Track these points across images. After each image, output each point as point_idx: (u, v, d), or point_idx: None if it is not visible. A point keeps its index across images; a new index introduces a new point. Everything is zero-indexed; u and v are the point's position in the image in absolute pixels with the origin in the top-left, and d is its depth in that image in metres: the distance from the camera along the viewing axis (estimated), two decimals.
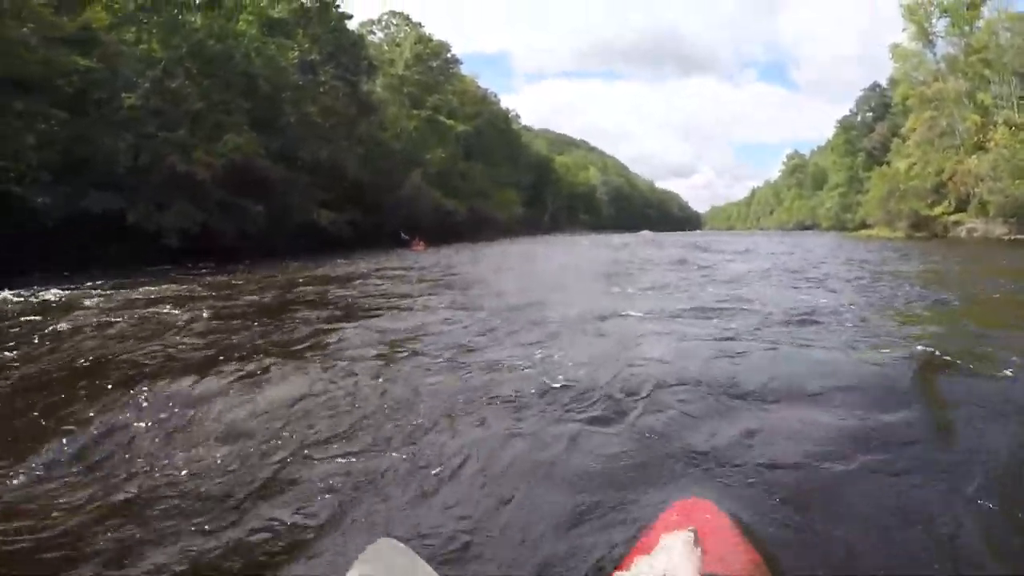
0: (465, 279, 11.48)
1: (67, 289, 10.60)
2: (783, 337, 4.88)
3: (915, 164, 40.23)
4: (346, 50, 32.95)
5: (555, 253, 22.46)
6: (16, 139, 14.72)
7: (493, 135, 63.35)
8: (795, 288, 8.86)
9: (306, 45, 29.04)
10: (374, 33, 44.81)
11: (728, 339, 4.84)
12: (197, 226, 19.49)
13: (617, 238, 44.74)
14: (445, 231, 39.74)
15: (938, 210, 36.57)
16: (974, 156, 33.90)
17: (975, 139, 35.26)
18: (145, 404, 3.62)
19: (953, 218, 35.39)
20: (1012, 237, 27.85)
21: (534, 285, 10.35)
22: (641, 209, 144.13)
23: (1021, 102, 32.96)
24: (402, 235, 29.46)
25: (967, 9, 37.49)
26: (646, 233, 61.56)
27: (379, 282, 10.93)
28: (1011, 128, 31.09)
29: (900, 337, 4.90)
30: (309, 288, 10.12)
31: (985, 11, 37.15)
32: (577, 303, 6.88)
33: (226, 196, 20.87)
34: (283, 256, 20.81)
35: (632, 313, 6.26)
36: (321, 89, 29.51)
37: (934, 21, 39.72)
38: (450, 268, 14.59)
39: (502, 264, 16.37)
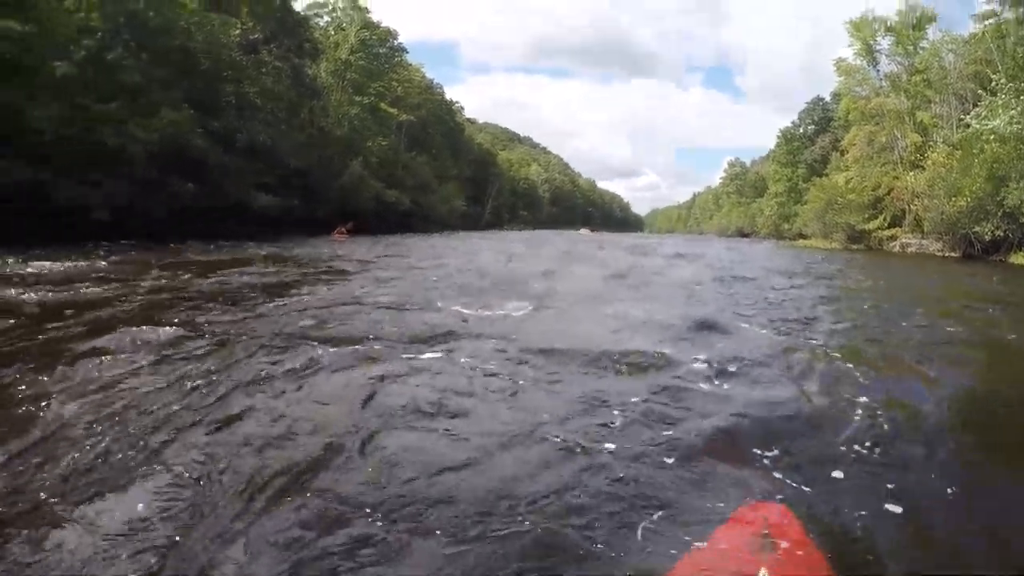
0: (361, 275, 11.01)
1: None
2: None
3: (853, 178, 40.86)
4: (290, 31, 32.33)
5: (484, 249, 22.15)
6: None
7: (436, 126, 63.04)
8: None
9: (249, 23, 28.36)
10: (320, 16, 43.95)
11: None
12: (126, 201, 19.01)
13: (557, 235, 45.46)
14: (385, 222, 39.76)
15: (873, 224, 37.29)
16: (912, 173, 34.68)
17: (913, 157, 36.20)
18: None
19: (887, 233, 36.39)
20: (945, 254, 28.59)
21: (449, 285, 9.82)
22: (582, 208, 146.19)
23: (959, 123, 32.74)
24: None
25: (913, 29, 38.08)
26: (584, 231, 63.07)
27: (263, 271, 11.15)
28: (949, 148, 31.43)
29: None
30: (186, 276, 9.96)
31: (930, 32, 37.79)
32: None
33: (158, 174, 20.35)
34: (213, 237, 20.58)
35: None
36: (263, 70, 28.92)
37: (879, 39, 40.42)
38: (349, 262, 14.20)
39: (414, 261, 15.13)
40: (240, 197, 25.19)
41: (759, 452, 3.05)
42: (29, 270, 9.74)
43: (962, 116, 31.98)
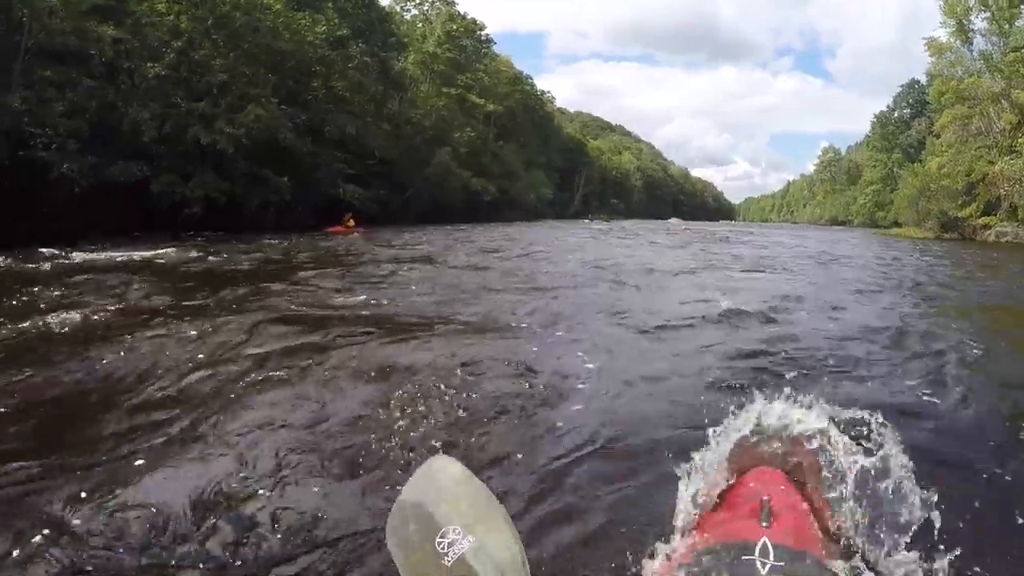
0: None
1: (86, 252, 11.49)
2: None
3: (946, 164, 38.71)
4: (375, 26, 32.86)
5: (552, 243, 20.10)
6: (46, 106, 15.02)
7: (525, 116, 62.83)
8: None
9: (335, 20, 28.93)
10: (408, 10, 44.58)
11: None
12: (222, 196, 19.97)
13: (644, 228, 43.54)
14: (473, 211, 40.37)
15: (967, 211, 35.41)
16: (1006, 158, 32.81)
17: (1009, 140, 34.13)
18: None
19: (982, 221, 34.35)
20: None
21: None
22: (674, 197, 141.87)
23: None
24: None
25: (1008, 6, 35.44)
26: (674, 221, 59.80)
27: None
28: None
29: None
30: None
31: None
32: None
33: (250, 167, 21.21)
34: (302, 229, 21.49)
35: None
36: (350, 64, 29.47)
37: (973, 18, 37.91)
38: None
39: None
40: (330, 188, 25.97)
41: None
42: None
43: None
